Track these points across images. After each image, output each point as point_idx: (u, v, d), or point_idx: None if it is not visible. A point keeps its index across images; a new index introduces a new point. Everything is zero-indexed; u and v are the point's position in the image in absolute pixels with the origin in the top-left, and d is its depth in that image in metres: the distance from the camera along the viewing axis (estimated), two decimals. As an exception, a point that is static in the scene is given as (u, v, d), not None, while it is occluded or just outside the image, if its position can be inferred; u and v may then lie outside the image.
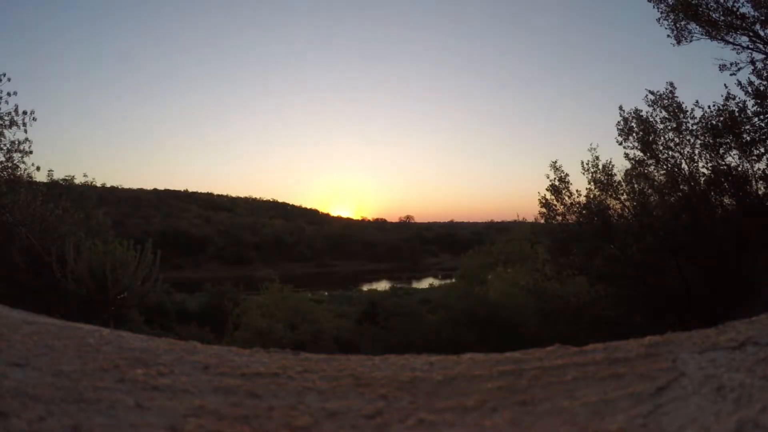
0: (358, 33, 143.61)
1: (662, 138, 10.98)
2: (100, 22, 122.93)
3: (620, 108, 11.40)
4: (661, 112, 10.99)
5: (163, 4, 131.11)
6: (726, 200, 10.73)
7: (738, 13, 10.06)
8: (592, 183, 11.68)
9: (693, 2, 10.37)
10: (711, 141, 10.54)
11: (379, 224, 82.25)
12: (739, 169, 10.43)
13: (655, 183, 11.15)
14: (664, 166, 10.97)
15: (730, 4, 10.12)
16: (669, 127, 10.92)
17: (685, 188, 10.77)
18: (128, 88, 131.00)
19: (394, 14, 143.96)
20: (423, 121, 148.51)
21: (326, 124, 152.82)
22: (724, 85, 10.50)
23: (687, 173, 10.75)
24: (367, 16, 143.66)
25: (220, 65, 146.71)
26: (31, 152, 11.32)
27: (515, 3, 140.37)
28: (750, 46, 10.17)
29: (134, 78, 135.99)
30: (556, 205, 11.98)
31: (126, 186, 72.81)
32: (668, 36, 10.97)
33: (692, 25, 10.63)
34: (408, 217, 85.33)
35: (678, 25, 10.78)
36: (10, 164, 11.21)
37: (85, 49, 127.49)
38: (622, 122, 11.35)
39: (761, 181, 10.30)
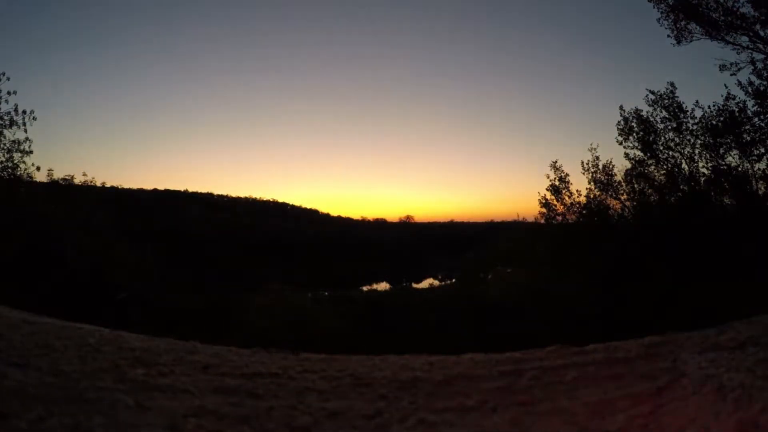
0: (359, 32, 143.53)
1: (662, 138, 10.98)
2: (100, 22, 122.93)
3: (620, 108, 11.42)
4: (661, 112, 11.00)
5: (164, 3, 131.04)
6: (726, 200, 10.72)
7: (738, 13, 10.07)
8: (592, 183, 11.70)
9: (693, 2, 10.37)
10: (711, 141, 10.54)
11: (379, 224, 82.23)
12: (739, 169, 10.42)
13: (655, 183, 11.15)
14: (664, 166, 10.97)
15: (730, 4, 10.13)
16: (669, 127, 10.93)
17: (685, 188, 10.76)
18: (128, 88, 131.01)
19: (394, 14, 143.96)
20: (423, 120, 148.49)
21: (327, 123, 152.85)
22: (724, 85, 10.52)
23: (687, 173, 10.75)
24: (368, 17, 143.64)
25: (220, 65, 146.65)
26: (31, 152, 11.32)
27: (515, 3, 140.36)
28: (750, 46, 10.18)
29: (134, 78, 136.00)
30: (556, 205, 11.99)
31: (126, 186, 72.77)
32: (668, 36, 10.99)
33: (692, 25, 10.65)
34: (408, 217, 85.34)
35: (678, 25, 10.79)
36: (10, 164, 11.21)
37: (86, 48, 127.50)
38: (622, 122, 11.36)
39: (761, 181, 10.29)
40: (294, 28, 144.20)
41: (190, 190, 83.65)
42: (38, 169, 11.91)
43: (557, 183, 11.99)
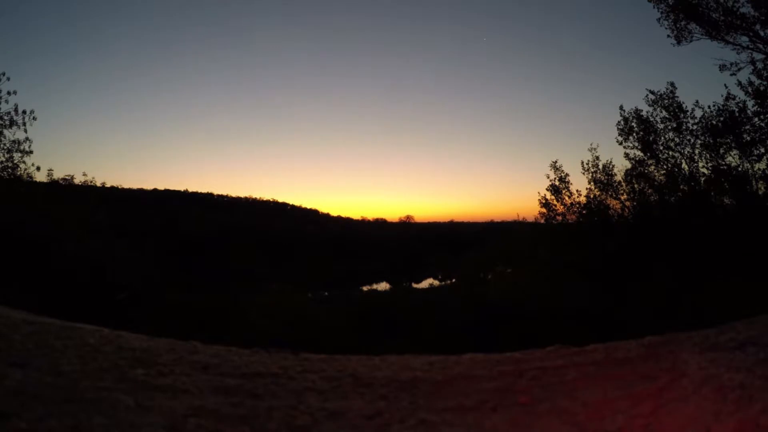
0: (358, 32, 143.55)
1: (662, 138, 10.97)
2: (101, 22, 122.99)
3: (620, 108, 11.40)
4: (661, 112, 10.98)
5: (165, 3, 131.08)
6: (726, 200, 10.71)
7: (738, 13, 10.05)
8: (592, 183, 11.68)
9: (693, 2, 10.36)
10: (711, 141, 10.52)
11: (379, 224, 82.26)
12: (739, 169, 10.41)
13: (655, 183, 11.13)
14: (664, 166, 10.96)
15: (730, 4, 10.12)
16: (669, 127, 10.91)
17: (685, 188, 10.75)
18: (129, 88, 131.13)
19: (394, 19, 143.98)
20: (423, 121, 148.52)
21: (328, 124, 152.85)
22: (724, 85, 10.51)
23: (687, 173, 10.74)
24: (370, 22, 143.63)
25: (221, 66, 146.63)
26: (31, 152, 11.30)
27: (515, 3, 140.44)
28: (750, 46, 10.17)
29: (135, 78, 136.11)
30: (556, 205, 11.97)
31: (126, 186, 72.91)
32: (668, 36, 10.98)
33: (692, 25, 10.63)
34: (408, 217, 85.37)
35: (678, 25, 10.77)
36: (10, 164, 11.19)
37: (86, 48, 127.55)
38: (622, 122, 11.34)
39: (761, 181, 10.28)
40: (296, 30, 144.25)
41: (190, 190, 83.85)
42: (38, 169, 11.89)
43: (557, 183, 11.98)
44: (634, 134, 11.20)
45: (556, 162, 12.05)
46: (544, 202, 12.13)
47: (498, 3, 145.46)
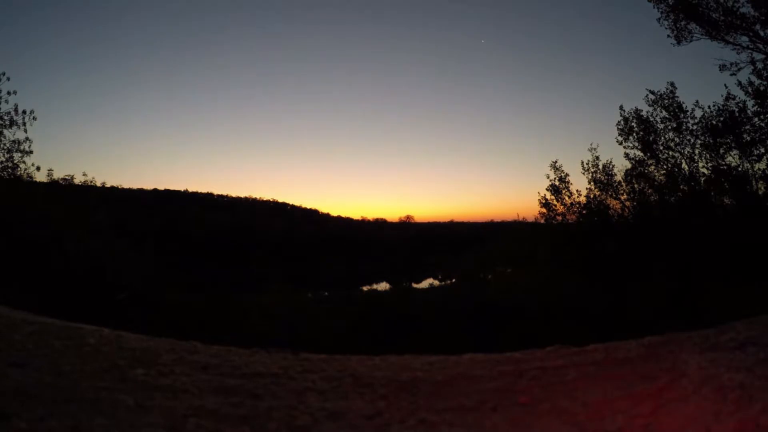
0: (359, 33, 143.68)
1: (662, 138, 10.96)
2: (101, 22, 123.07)
3: (620, 108, 11.39)
4: (661, 112, 10.97)
5: (164, 3, 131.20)
6: (726, 200, 10.70)
7: (738, 13, 10.05)
8: (592, 183, 11.67)
9: (693, 2, 10.36)
10: (711, 141, 10.51)
11: (379, 224, 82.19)
12: (739, 169, 10.40)
13: (655, 183, 11.13)
14: (664, 166, 10.95)
15: (730, 4, 10.11)
16: (669, 127, 10.90)
17: (685, 188, 10.74)
18: (128, 88, 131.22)
19: (393, 20, 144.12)
20: (423, 121, 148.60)
21: (327, 123, 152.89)
22: (724, 85, 10.50)
23: (687, 173, 10.73)
24: (370, 22, 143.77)
25: (221, 66, 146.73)
26: (31, 152, 11.29)
27: (515, 3, 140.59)
28: (750, 46, 10.16)
29: (135, 78, 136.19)
30: (556, 205, 11.96)
31: (126, 186, 72.92)
32: (668, 36, 10.97)
33: (692, 25, 10.63)
34: (408, 217, 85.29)
35: (678, 25, 10.76)
36: (10, 164, 11.18)
37: (86, 48, 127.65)
38: (622, 122, 11.33)
39: (761, 181, 10.27)
40: (296, 30, 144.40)
41: (190, 190, 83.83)
42: (38, 169, 11.87)
43: (557, 183, 11.97)
44: (634, 134, 11.19)
45: (556, 162, 12.05)
46: (544, 202, 12.12)
47: (496, 4, 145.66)
